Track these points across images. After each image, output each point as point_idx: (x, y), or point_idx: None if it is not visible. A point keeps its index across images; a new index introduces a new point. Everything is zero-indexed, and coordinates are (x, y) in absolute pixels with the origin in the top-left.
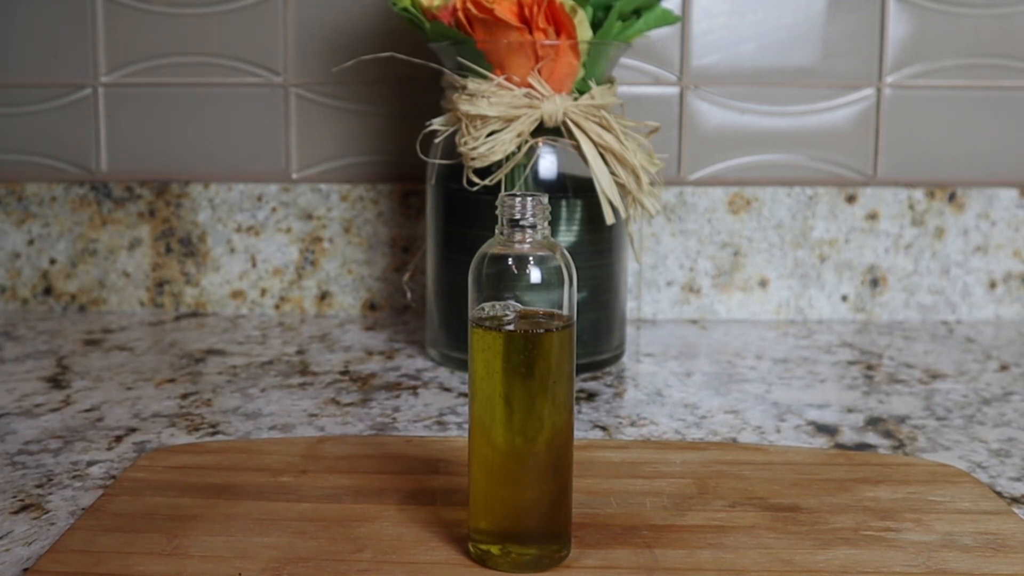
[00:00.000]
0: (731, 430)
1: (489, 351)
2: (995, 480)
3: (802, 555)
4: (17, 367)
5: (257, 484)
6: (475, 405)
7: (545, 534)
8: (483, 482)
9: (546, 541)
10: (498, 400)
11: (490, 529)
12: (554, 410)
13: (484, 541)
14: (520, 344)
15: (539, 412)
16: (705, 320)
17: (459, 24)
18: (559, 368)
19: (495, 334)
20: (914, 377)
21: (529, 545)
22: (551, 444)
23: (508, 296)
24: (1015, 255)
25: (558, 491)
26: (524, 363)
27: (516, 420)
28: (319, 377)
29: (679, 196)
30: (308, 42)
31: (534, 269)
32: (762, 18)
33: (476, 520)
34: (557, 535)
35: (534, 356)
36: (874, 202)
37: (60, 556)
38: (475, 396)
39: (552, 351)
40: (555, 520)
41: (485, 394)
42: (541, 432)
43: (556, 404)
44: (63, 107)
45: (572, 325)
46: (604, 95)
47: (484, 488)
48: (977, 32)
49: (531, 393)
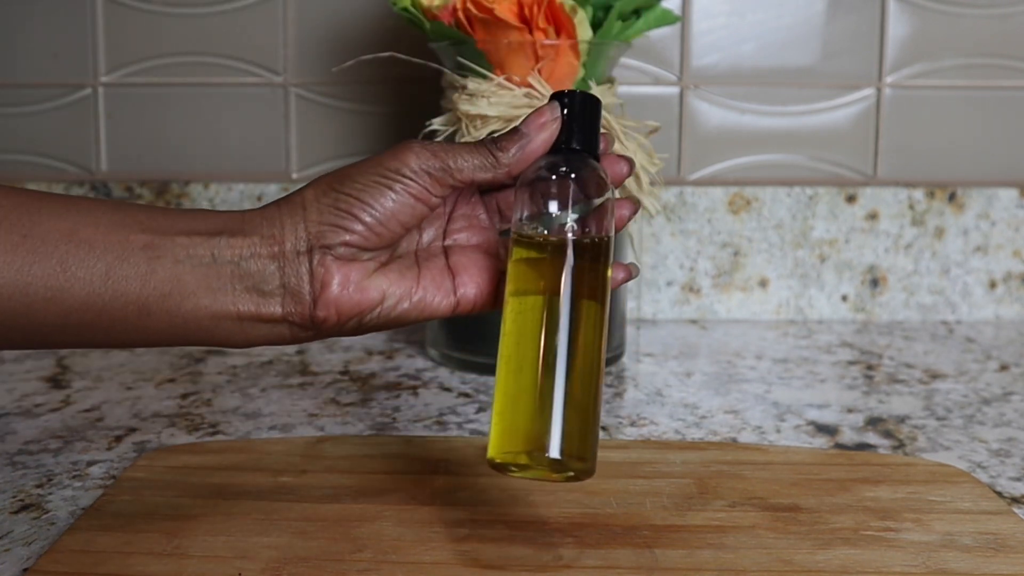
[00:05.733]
0: (731, 430)
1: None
2: (995, 480)
3: (802, 555)
4: (17, 367)
5: (257, 484)
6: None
7: (574, 434)
8: (514, 384)
9: (573, 444)
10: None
11: (518, 434)
12: (599, 321)
13: (511, 452)
14: (587, 248)
15: (590, 314)
16: (705, 320)
17: (459, 24)
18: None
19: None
20: (914, 377)
21: (556, 446)
22: (587, 351)
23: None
24: (1015, 255)
25: (587, 401)
26: (589, 268)
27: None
28: (319, 377)
29: (679, 196)
30: (308, 42)
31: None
32: (762, 18)
33: (503, 434)
34: (583, 449)
35: (600, 263)
36: (874, 202)
37: (60, 556)
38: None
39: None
40: (584, 428)
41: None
42: (582, 335)
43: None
44: (63, 107)
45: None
46: (604, 95)
47: (515, 389)
48: (977, 32)
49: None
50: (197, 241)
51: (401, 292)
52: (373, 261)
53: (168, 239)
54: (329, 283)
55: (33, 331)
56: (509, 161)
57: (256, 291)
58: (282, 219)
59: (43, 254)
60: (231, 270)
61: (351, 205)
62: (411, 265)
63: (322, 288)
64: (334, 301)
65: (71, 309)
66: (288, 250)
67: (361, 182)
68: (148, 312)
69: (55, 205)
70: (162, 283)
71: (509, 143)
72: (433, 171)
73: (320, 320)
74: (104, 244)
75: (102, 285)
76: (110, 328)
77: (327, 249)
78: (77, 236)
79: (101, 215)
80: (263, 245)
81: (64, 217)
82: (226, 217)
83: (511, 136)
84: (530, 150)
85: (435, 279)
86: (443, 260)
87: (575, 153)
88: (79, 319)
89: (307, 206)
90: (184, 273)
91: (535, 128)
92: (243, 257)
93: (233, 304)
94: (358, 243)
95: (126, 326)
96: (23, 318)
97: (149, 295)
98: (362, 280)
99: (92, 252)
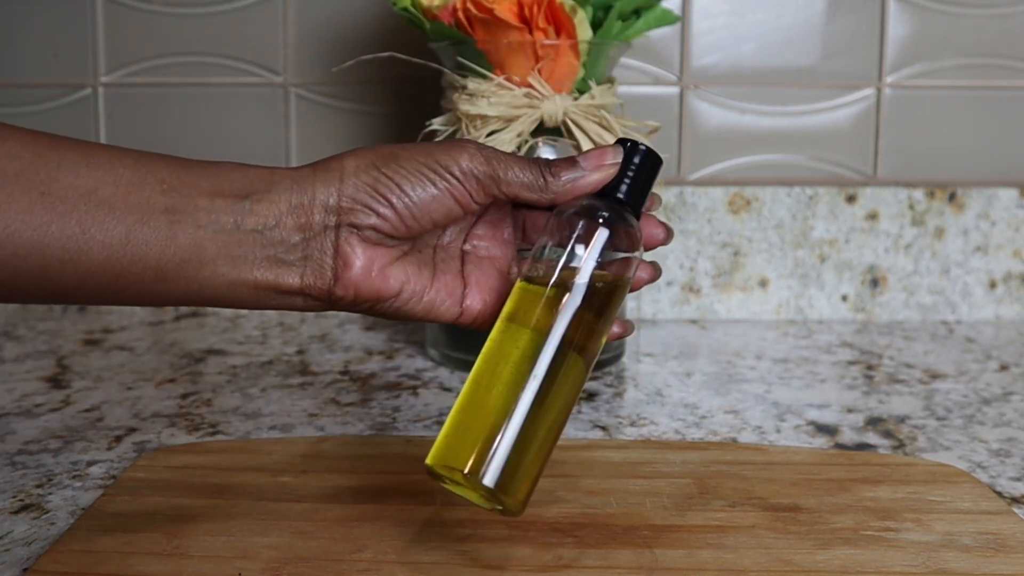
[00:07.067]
0: (731, 430)
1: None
2: (995, 480)
3: (802, 555)
4: (17, 367)
5: (257, 484)
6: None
7: (514, 473)
8: (476, 401)
9: (510, 480)
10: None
11: (464, 451)
12: (578, 377)
13: (450, 466)
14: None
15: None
16: (705, 320)
17: (459, 24)
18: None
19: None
20: (914, 377)
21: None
22: (564, 391)
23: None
24: (1015, 255)
25: (539, 447)
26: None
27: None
28: (319, 377)
29: (679, 196)
30: (308, 42)
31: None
32: (762, 18)
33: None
34: (518, 489)
35: (610, 302)
36: (874, 202)
37: (60, 556)
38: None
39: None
40: (526, 470)
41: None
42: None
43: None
44: (63, 107)
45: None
46: (604, 95)
47: (474, 405)
48: (977, 32)
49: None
50: (220, 205)
51: (416, 289)
52: (396, 249)
53: (191, 201)
54: (352, 263)
55: (47, 291)
56: (558, 189)
57: (277, 261)
58: (315, 187)
59: (61, 214)
60: (254, 238)
61: (390, 190)
62: (428, 262)
63: (344, 266)
64: (354, 283)
65: (88, 272)
66: (316, 222)
67: (407, 169)
68: (165, 278)
69: (74, 157)
70: (182, 249)
71: (562, 171)
72: (482, 177)
73: (337, 298)
74: (124, 205)
75: (121, 249)
76: (125, 291)
77: (355, 228)
78: (97, 196)
79: (122, 171)
80: (290, 214)
81: (83, 174)
82: (254, 176)
83: (567, 165)
84: (580, 185)
85: (447, 284)
86: (458, 265)
87: (620, 203)
88: (95, 282)
89: (344, 178)
90: (205, 239)
91: (593, 166)
92: (267, 226)
93: (252, 273)
94: (387, 230)
95: (141, 290)
96: (39, 279)
97: (168, 261)
98: (385, 267)
99: (112, 214)
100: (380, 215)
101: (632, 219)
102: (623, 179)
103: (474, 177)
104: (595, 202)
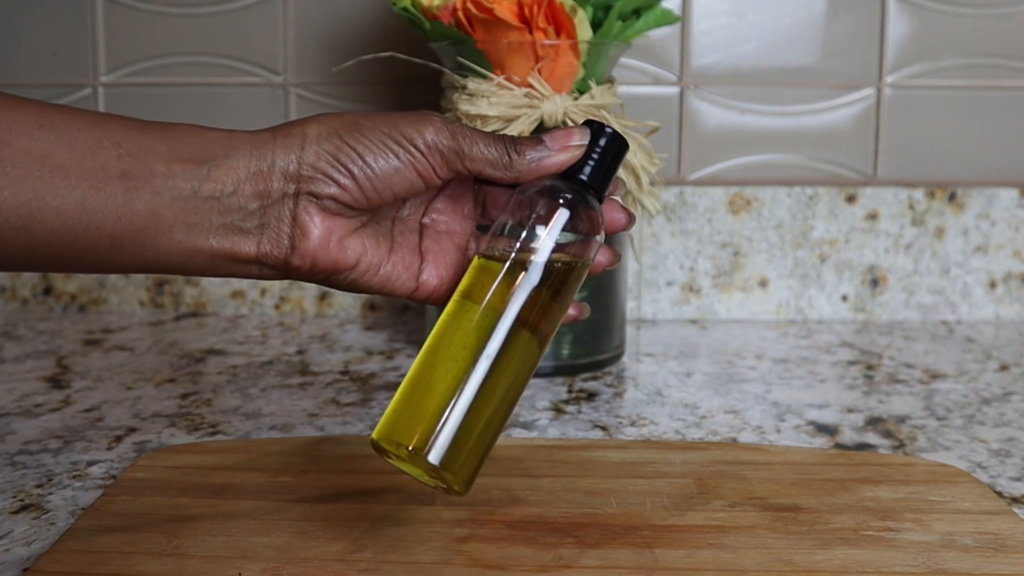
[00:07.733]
0: (731, 430)
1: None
2: (995, 480)
3: (802, 555)
4: (17, 367)
5: (257, 484)
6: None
7: (461, 451)
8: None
9: (456, 458)
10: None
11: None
12: (530, 357)
13: (395, 441)
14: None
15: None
16: (705, 320)
17: (459, 24)
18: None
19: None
20: (914, 377)
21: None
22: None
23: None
24: (1015, 255)
25: (486, 426)
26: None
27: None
28: (319, 377)
29: (679, 196)
30: (308, 42)
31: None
32: (762, 18)
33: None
34: (463, 468)
35: (568, 284)
36: (874, 202)
37: (60, 556)
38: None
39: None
40: (473, 449)
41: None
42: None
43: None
44: None
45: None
46: (604, 95)
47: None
48: (977, 32)
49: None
50: (178, 171)
51: (373, 261)
52: (355, 220)
53: (147, 167)
54: (310, 233)
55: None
56: (522, 168)
57: (234, 228)
58: (275, 153)
59: (14, 179)
60: (211, 205)
61: (351, 160)
62: (386, 234)
63: (302, 236)
64: (312, 253)
65: (41, 240)
66: (275, 189)
67: (370, 139)
68: (121, 246)
69: (28, 119)
70: (139, 216)
71: (528, 149)
72: (446, 151)
73: (294, 268)
74: (79, 171)
75: (76, 217)
76: (79, 258)
77: (314, 197)
78: (51, 161)
79: (77, 135)
80: (248, 181)
81: (37, 137)
82: (212, 140)
83: (532, 143)
84: (545, 164)
85: (404, 258)
86: (416, 239)
87: (583, 185)
88: (48, 251)
89: (306, 145)
90: (162, 206)
91: (559, 146)
92: (225, 193)
93: (208, 241)
94: (346, 200)
95: (95, 258)
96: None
97: (124, 229)
98: (343, 238)
99: (67, 180)
100: (340, 185)
101: (594, 202)
102: (587, 161)
103: (438, 151)
104: (558, 183)
